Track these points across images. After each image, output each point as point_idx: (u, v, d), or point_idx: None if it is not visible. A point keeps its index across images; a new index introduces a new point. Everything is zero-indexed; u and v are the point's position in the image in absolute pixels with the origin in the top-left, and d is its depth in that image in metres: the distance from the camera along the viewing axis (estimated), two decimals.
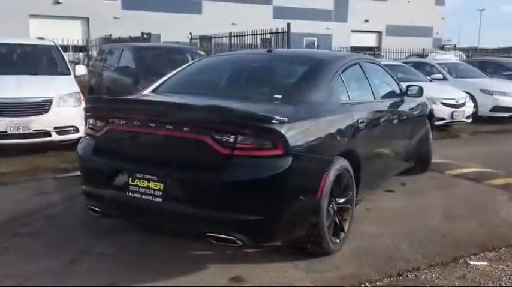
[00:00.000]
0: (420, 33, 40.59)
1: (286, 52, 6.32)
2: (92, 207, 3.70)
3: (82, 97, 7.59)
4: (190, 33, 21.08)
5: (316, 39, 35.99)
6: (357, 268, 3.60)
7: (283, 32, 15.26)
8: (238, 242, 3.17)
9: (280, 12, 33.42)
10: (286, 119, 3.15)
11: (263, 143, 3.10)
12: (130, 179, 3.38)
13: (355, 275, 3.50)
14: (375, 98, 4.69)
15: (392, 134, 5.01)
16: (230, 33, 17.71)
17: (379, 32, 40.46)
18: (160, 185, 3.26)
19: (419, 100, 5.79)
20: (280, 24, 15.55)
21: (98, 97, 4.09)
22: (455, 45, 44.14)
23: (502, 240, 4.19)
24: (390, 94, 5.16)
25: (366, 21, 38.96)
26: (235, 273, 3.46)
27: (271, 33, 15.68)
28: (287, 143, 3.12)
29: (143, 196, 3.32)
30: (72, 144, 7.25)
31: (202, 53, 10.20)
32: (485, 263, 3.76)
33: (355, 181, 3.97)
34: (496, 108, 11.20)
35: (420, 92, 5.30)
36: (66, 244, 3.89)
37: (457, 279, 3.48)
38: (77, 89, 7.76)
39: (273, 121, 3.08)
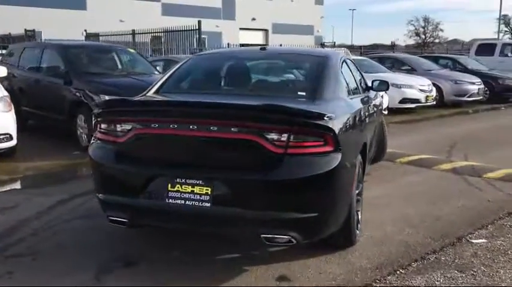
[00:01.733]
0: (303, 31, 42.41)
1: (283, 50, 6.29)
2: (115, 218, 3.42)
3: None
4: (85, 31, 19.98)
5: (206, 37, 36.00)
6: (384, 257, 3.76)
7: (194, 30, 15.14)
8: (293, 240, 3.16)
9: (168, 10, 32.90)
10: (334, 115, 3.20)
11: (316, 140, 3.11)
12: (169, 185, 3.19)
13: (387, 263, 3.65)
14: (360, 92, 4.90)
15: (371, 126, 5.27)
16: (133, 30, 17.13)
17: (266, 30, 41.57)
18: (207, 190, 3.12)
19: (380, 93, 6.15)
20: (169, 22, 15.35)
21: (121, 99, 3.75)
22: (334, 42, 46.74)
23: (484, 219, 4.63)
24: (366, 88, 5.41)
25: (253, 19, 39.81)
26: (278, 273, 3.45)
27: (180, 30, 15.48)
28: (337, 139, 3.16)
29: (187, 202, 3.15)
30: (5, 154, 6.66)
31: (132, 51, 9.78)
32: (484, 240, 4.13)
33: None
34: (404, 100, 12.17)
35: (387, 86, 5.62)
36: None
37: (471, 257, 3.78)
38: (4, 92, 7.03)
39: (325, 118, 3.10)
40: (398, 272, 3.52)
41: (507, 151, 7.99)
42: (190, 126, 3.16)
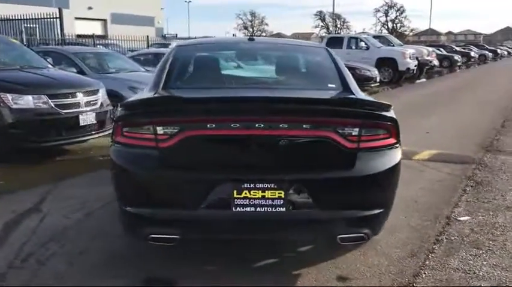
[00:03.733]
0: (144, 22, 41.29)
1: (275, 40, 5.84)
2: (161, 235, 2.95)
3: None
4: None
5: (37, 25, 32.81)
6: (408, 244, 3.85)
7: (54, 18, 13.69)
8: (366, 237, 3.06)
9: None
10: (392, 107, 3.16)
11: (384, 133, 3.04)
12: (235, 191, 2.84)
13: (416, 249, 3.75)
14: None
15: None
16: None
17: (105, 20, 39.51)
18: (280, 193, 2.85)
19: None
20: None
21: (166, 97, 3.15)
22: (176, 34, 46.42)
23: (449, 197, 5.03)
24: None
25: (90, 8, 37.56)
26: (333, 273, 3.33)
27: (38, 18, 13.85)
28: (398, 130, 3.13)
29: (258, 209, 2.85)
30: None
31: (15, 41, 8.46)
32: (468, 217, 4.49)
33: None
34: None
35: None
36: None
37: (474, 234, 4.08)
38: None
39: (391, 109, 3.05)
40: (431, 256, 3.64)
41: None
42: (257, 125, 2.85)
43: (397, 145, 3.12)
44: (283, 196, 2.85)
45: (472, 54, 37.79)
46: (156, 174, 2.91)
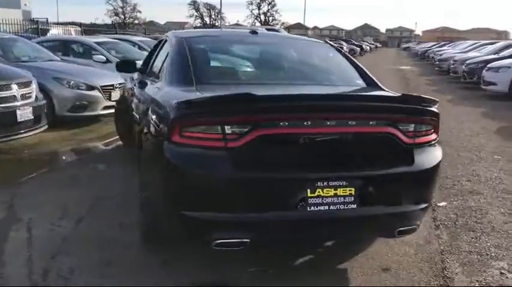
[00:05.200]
0: (8, 3, 37.75)
1: (278, 34, 5.52)
2: (230, 240, 2.79)
3: None
4: None
5: None
6: (420, 231, 4.06)
7: None
8: (416, 229, 3.20)
9: None
10: None
11: (430, 129, 3.18)
12: (309, 191, 2.79)
13: (428, 235, 4.00)
14: None
15: None
16: None
17: None
18: (350, 190, 2.86)
19: None
20: None
21: (236, 95, 2.86)
22: (47, 19, 42.98)
23: None
24: None
25: None
26: (376, 264, 3.43)
27: None
28: (439, 126, 3.30)
29: (331, 207, 2.84)
30: None
31: None
32: (444, 203, 4.87)
33: None
34: None
35: None
36: None
37: (465, 218, 4.45)
38: None
39: (437, 105, 3.21)
40: (441, 241, 3.91)
41: None
42: (328, 123, 2.83)
43: (437, 140, 3.29)
44: (353, 193, 2.87)
45: (364, 47, 52.17)
46: (226, 175, 2.74)
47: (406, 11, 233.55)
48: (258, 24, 76.24)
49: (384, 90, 3.65)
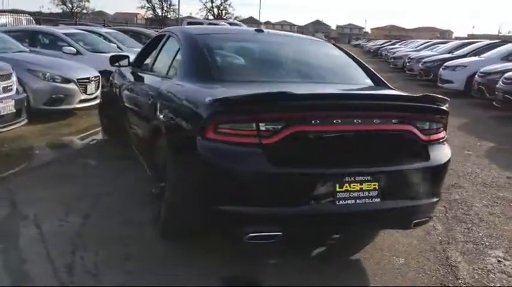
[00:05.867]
0: None
1: (283, 33, 5.51)
2: (262, 233, 2.89)
3: None
4: None
5: None
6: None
7: None
8: (429, 220, 3.40)
9: None
10: None
11: (441, 127, 3.38)
12: (337, 185, 2.93)
13: (425, 227, 4.21)
14: None
15: None
16: None
17: None
18: (374, 185, 3.02)
19: None
20: None
21: (271, 93, 2.90)
22: None
23: None
24: None
25: None
26: (388, 255, 3.62)
27: None
28: (447, 124, 3.50)
29: (358, 201, 2.98)
30: None
31: None
32: None
33: None
34: None
35: None
36: None
37: (446, 209, 4.73)
38: None
39: (448, 104, 3.41)
40: (438, 232, 4.15)
41: None
42: (355, 121, 2.97)
43: (445, 138, 3.50)
44: (377, 187, 3.03)
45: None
46: (259, 171, 2.84)
47: (356, 9, 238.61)
48: (211, 17, 75.71)
49: (392, 89, 3.84)
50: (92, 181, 4.95)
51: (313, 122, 2.88)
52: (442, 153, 3.34)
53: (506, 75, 10.86)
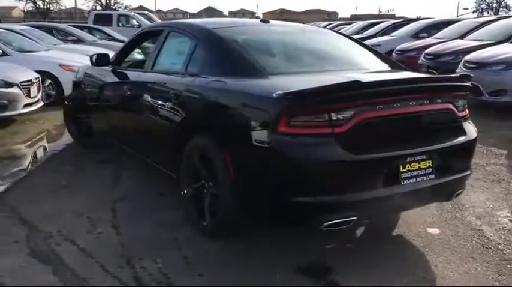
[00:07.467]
0: None
1: (286, 23, 5.25)
2: (338, 220, 2.97)
3: None
4: None
5: None
6: None
7: None
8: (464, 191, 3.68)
9: None
10: None
11: (467, 104, 3.66)
12: (401, 166, 3.10)
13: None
14: None
15: None
16: None
17: None
18: (429, 162, 3.23)
19: None
20: None
21: (347, 83, 2.84)
22: None
23: None
24: None
25: None
26: (420, 228, 3.86)
27: None
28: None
29: (418, 179, 3.17)
30: None
31: None
32: None
33: None
34: None
35: None
36: None
37: None
38: None
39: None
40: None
41: None
42: (410, 103, 3.15)
43: None
44: (431, 165, 3.24)
45: None
46: (337, 159, 2.93)
47: None
48: (99, 7, 72.21)
49: (408, 70, 4.07)
50: (92, 189, 4.69)
51: (377, 107, 3.01)
52: (472, 128, 3.63)
53: (428, 51, 11.71)
